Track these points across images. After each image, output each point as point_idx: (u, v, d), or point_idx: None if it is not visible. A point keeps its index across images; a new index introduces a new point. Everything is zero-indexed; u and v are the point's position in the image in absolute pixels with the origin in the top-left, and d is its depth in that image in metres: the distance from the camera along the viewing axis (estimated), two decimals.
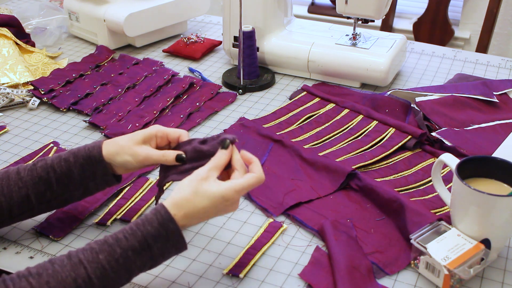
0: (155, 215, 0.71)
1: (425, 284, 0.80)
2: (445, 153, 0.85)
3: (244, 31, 1.27)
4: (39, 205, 0.82)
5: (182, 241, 0.73)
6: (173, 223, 0.71)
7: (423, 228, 0.82)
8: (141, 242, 0.69)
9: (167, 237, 0.71)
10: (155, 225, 0.70)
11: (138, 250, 0.69)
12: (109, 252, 0.68)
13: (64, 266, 0.66)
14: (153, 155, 0.81)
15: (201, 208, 0.73)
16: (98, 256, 0.68)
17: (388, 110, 1.16)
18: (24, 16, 1.57)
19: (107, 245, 0.69)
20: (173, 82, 1.31)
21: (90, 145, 0.83)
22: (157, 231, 0.70)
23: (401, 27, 2.50)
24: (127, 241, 0.69)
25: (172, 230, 0.71)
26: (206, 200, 0.73)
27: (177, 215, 0.72)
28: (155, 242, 0.70)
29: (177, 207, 0.72)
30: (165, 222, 0.71)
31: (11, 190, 0.80)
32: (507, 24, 2.37)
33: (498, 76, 1.35)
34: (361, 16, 1.27)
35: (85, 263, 0.67)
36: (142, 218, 0.71)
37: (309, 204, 0.94)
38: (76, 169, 0.81)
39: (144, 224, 0.70)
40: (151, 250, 0.70)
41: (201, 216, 0.74)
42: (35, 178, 0.81)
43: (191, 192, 0.73)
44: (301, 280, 0.80)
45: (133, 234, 0.70)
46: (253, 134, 1.11)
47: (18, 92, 1.25)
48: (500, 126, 1.11)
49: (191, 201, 0.72)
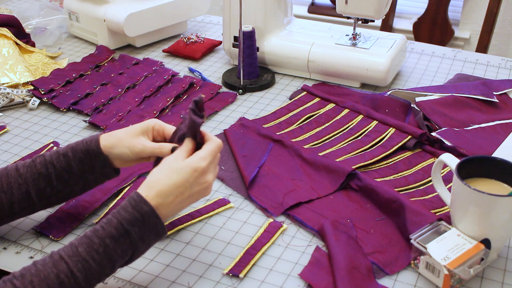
0: (128, 201, 0.73)
1: (425, 284, 0.80)
2: (445, 153, 0.85)
3: (244, 31, 1.27)
4: (39, 202, 0.83)
5: (159, 222, 0.73)
6: (146, 204, 0.72)
7: (423, 228, 0.82)
8: (117, 228, 0.70)
9: (142, 220, 0.71)
10: (128, 209, 0.71)
11: (116, 237, 0.70)
12: (88, 243, 0.69)
13: (46, 264, 0.67)
14: (149, 147, 0.81)
15: (172, 183, 0.73)
16: (78, 250, 0.69)
17: (388, 110, 1.16)
18: (24, 16, 1.57)
19: (85, 238, 0.70)
20: (173, 82, 1.31)
21: (88, 139, 0.83)
22: (131, 215, 0.71)
23: (401, 27, 2.50)
24: (103, 230, 0.70)
25: (146, 211, 0.72)
26: (175, 174, 0.74)
27: (149, 196, 0.73)
28: (131, 226, 0.71)
29: (148, 188, 0.73)
30: (137, 204, 0.72)
31: (11, 187, 0.81)
32: (507, 24, 2.37)
33: (498, 76, 1.35)
34: (361, 16, 1.27)
35: (66, 258, 0.68)
36: (118, 207, 0.73)
37: (309, 204, 0.94)
38: (75, 163, 0.82)
39: (118, 211, 0.72)
40: (129, 236, 0.71)
41: (176, 192, 0.74)
42: (35, 175, 0.81)
43: (160, 172, 0.75)
44: (301, 280, 0.80)
45: (108, 223, 0.71)
46: (253, 134, 1.11)
47: (18, 92, 1.25)
48: (500, 126, 1.11)
49: (161, 179, 0.74)
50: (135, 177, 1.00)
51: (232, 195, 0.97)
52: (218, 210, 0.93)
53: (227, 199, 0.96)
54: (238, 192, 0.98)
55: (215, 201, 0.95)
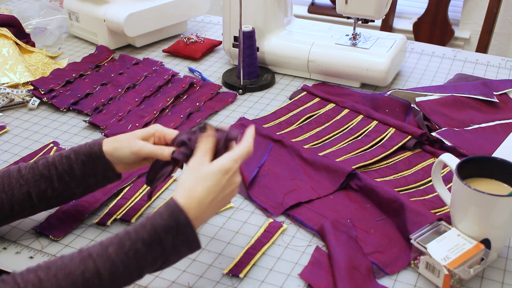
0: (165, 207, 0.71)
1: (425, 284, 0.80)
2: (445, 153, 0.85)
3: (244, 31, 1.27)
4: (40, 203, 0.83)
5: (193, 234, 0.71)
6: (183, 213, 0.70)
7: (423, 228, 0.82)
8: (150, 233, 0.68)
9: (177, 229, 0.70)
10: (164, 216, 0.70)
11: (148, 242, 0.68)
12: (119, 244, 0.67)
13: (73, 260, 0.66)
14: (147, 147, 0.82)
15: (207, 189, 0.72)
16: (107, 249, 0.67)
17: (388, 110, 1.16)
18: (24, 16, 1.57)
19: (116, 238, 0.68)
20: (173, 82, 1.31)
21: (91, 142, 0.84)
22: (166, 223, 0.69)
23: (401, 27, 2.50)
24: (136, 233, 0.68)
25: (183, 222, 0.70)
26: (209, 180, 0.73)
27: (188, 204, 0.71)
28: (165, 234, 0.69)
29: (186, 196, 0.72)
30: (174, 213, 0.70)
31: (12, 188, 0.81)
32: (507, 24, 2.37)
33: (498, 76, 1.35)
34: (361, 16, 1.27)
35: (94, 256, 0.66)
36: (154, 212, 0.71)
37: (309, 204, 0.94)
38: (77, 166, 0.82)
39: (154, 216, 0.70)
40: (161, 244, 0.69)
41: (211, 198, 0.73)
42: (37, 176, 0.82)
43: (194, 179, 0.73)
44: (301, 280, 0.80)
45: (143, 227, 0.69)
46: None
47: (18, 92, 1.25)
48: (500, 126, 1.11)
49: (198, 187, 0.72)
50: (135, 177, 1.00)
51: None
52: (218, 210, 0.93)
53: None
54: (238, 192, 0.97)
55: None
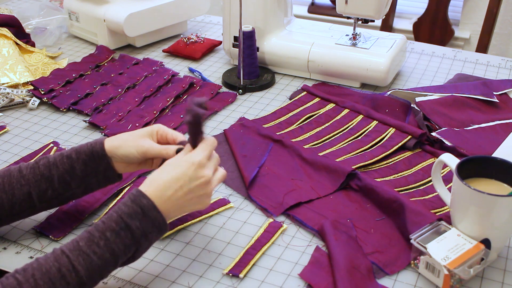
0: (128, 196, 0.74)
1: (425, 284, 0.80)
2: (445, 153, 0.85)
3: (244, 31, 1.27)
4: (40, 203, 0.83)
5: (159, 216, 0.74)
6: (145, 197, 0.73)
7: (423, 228, 0.82)
8: (117, 222, 0.71)
9: (142, 213, 0.72)
10: (128, 203, 0.73)
11: (116, 230, 0.71)
12: (88, 237, 0.70)
13: (48, 259, 0.68)
14: (155, 147, 0.82)
15: (170, 177, 0.75)
16: (79, 244, 0.70)
17: (388, 110, 1.16)
18: (24, 16, 1.57)
19: (86, 232, 0.71)
20: (173, 82, 1.31)
21: (92, 142, 0.84)
22: (130, 209, 0.72)
23: (401, 27, 2.50)
24: (104, 224, 0.71)
25: (145, 204, 0.73)
26: (172, 168, 0.75)
27: (148, 190, 0.74)
28: (131, 219, 0.72)
29: (148, 184, 0.75)
30: (136, 198, 0.73)
31: (13, 188, 0.81)
32: (507, 24, 2.37)
33: (498, 76, 1.35)
34: (361, 16, 1.27)
35: (67, 252, 0.69)
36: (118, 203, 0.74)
37: (309, 204, 0.94)
38: (78, 165, 0.82)
39: (119, 206, 0.73)
40: (130, 230, 0.71)
41: (174, 186, 0.75)
42: (37, 176, 0.82)
43: (159, 170, 0.77)
44: (301, 280, 0.80)
45: (109, 217, 0.72)
46: (253, 134, 1.11)
47: (18, 92, 1.25)
48: (500, 126, 1.11)
49: (159, 175, 0.75)
50: (135, 177, 1.00)
51: (232, 195, 0.97)
52: (218, 210, 0.93)
53: (227, 199, 0.96)
54: (238, 192, 0.98)
55: (215, 201, 0.95)
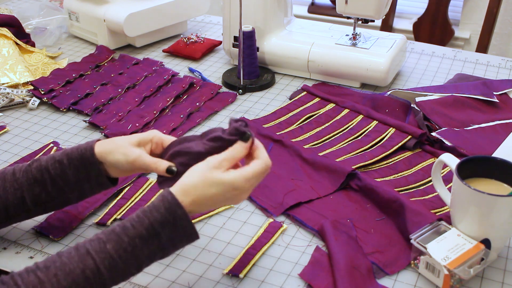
0: (161, 201, 0.70)
1: (425, 284, 0.80)
2: (445, 153, 0.85)
3: (244, 31, 1.27)
4: (35, 207, 0.81)
5: (191, 227, 0.70)
6: (180, 208, 0.69)
7: (423, 228, 0.82)
8: (148, 229, 0.68)
9: (174, 223, 0.69)
10: (161, 211, 0.69)
11: (145, 237, 0.68)
12: (117, 241, 0.67)
13: (72, 258, 0.66)
14: (145, 159, 0.78)
15: (210, 195, 0.71)
16: (106, 246, 0.66)
17: (388, 110, 1.16)
18: (24, 16, 1.57)
19: (114, 234, 0.67)
20: (173, 82, 1.31)
21: (83, 146, 0.80)
22: (163, 217, 0.69)
23: (401, 27, 2.50)
24: (134, 229, 0.68)
25: (180, 216, 0.69)
26: (215, 188, 0.71)
27: (185, 201, 0.70)
28: (162, 228, 0.68)
29: (185, 193, 0.70)
30: (171, 207, 0.69)
31: (6, 191, 0.79)
32: (507, 24, 2.37)
33: (498, 76, 1.35)
34: (361, 16, 1.27)
35: (93, 254, 0.66)
36: (149, 205, 0.70)
37: (309, 204, 0.94)
38: (70, 171, 0.79)
39: (151, 211, 0.69)
40: (159, 238, 0.68)
41: (209, 204, 0.72)
42: (30, 180, 0.79)
43: (200, 180, 0.71)
44: (301, 280, 0.80)
45: (140, 222, 0.68)
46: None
47: (18, 92, 1.25)
48: (500, 126, 1.11)
49: (199, 188, 0.71)
50: (135, 177, 1.00)
51: None
52: (218, 210, 0.93)
53: None
54: None
55: None
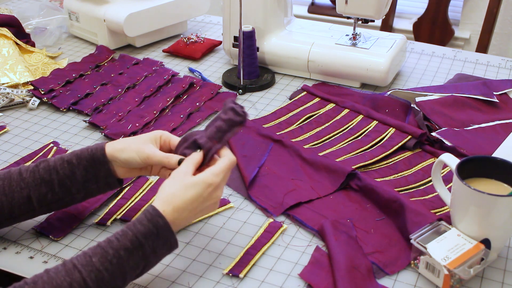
0: (144, 214, 0.74)
1: (425, 284, 0.80)
2: (445, 153, 0.85)
3: (244, 31, 1.27)
4: (40, 207, 0.82)
5: (172, 236, 0.75)
6: (162, 218, 0.73)
7: (423, 228, 0.82)
8: (132, 241, 0.71)
9: (157, 233, 0.73)
10: (144, 222, 0.72)
11: (130, 249, 0.71)
12: (102, 254, 0.70)
13: (59, 272, 0.68)
14: (157, 155, 0.81)
15: (189, 198, 0.75)
16: (92, 259, 0.69)
17: (388, 110, 1.16)
18: (24, 16, 1.57)
19: (99, 248, 0.70)
20: (173, 82, 1.31)
21: (93, 147, 0.83)
22: (146, 229, 0.72)
23: (401, 27, 2.50)
24: (118, 242, 0.71)
25: (162, 225, 0.73)
26: (191, 190, 0.75)
27: (166, 211, 0.74)
28: (146, 239, 0.72)
29: (165, 203, 0.74)
30: (153, 218, 0.73)
31: (12, 191, 0.80)
32: (507, 24, 2.37)
33: (498, 76, 1.35)
34: (361, 16, 1.27)
35: (79, 267, 0.68)
36: (133, 220, 0.73)
37: (309, 204, 0.94)
38: (79, 171, 0.82)
39: (134, 224, 0.73)
40: (142, 248, 0.72)
41: (190, 208, 0.76)
42: (37, 180, 0.81)
43: (177, 187, 0.75)
44: (301, 280, 0.80)
45: (124, 235, 0.72)
46: (253, 134, 1.11)
47: (18, 92, 1.25)
48: (500, 126, 1.11)
49: (178, 195, 0.75)
50: (135, 177, 1.00)
51: (232, 195, 0.97)
52: (218, 210, 0.93)
53: (227, 199, 0.96)
54: (238, 192, 0.98)
55: None
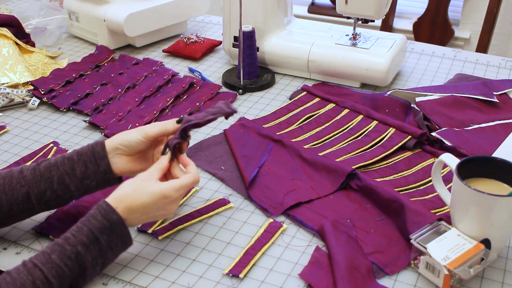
0: (97, 209, 0.76)
1: (425, 284, 0.80)
2: (445, 153, 0.85)
3: (244, 31, 1.27)
4: (38, 205, 0.83)
5: (126, 232, 0.77)
6: (115, 214, 0.76)
7: (423, 228, 0.82)
8: (88, 235, 0.74)
9: (111, 228, 0.75)
10: (98, 218, 0.75)
11: (87, 244, 0.73)
12: (60, 250, 0.72)
13: (21, 273, 0.70)
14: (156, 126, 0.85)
15: (141, 203, 0.77)
16: (51, 257, 0.72)
17: (388, 110, 1.16)
18: (24, 16, 1.57)
19: (57, 246, 0.73)
20: (173, 82, 1.31)
21: (93, 143, 0.85)
22: (101, 223, 0.75)
23: (401, 27, 2.50)
24: (75, 237, 0.73)
25: (115, 220, 0.76)
26: (146, 196, 0.77)
27: (119, 208, 0.76)
28: (101, 234, 0.74)
29: (118, 201, 0.77)
30: (107, 213, 0.75)
31: (12, 188, 0.81)
32: (507, 24, 2.37)
33: (498, 76, 1.35)
34: (361, 16, 1.27)
35: (40, 266, 0.71)
36: (86, 215, 0.76)
37: (309, 204, 0.94)
38: (79, 166, 0.83)
39: (88, 219, 0.75)
40: (98, 243, 0.74)
41: (142, 211, 0.78)
42: (37, 177, 0.82)
43: (131, 190, 0.78)
44: (301, 280, 0.80)
45: (79, 231, 0.74)
46: (253, 134, 1.11)
47: (18, 92, 1.25)
48: (500, 126, 1.11)
49: (131, 196, 0.77)
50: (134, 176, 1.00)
51: (232, 195, 0.97)
52: (218, 210, 0.93)
53: (227, 199, 0.96)
54: (238, 192, 0.98)
55: (215, 201, 0.95)
